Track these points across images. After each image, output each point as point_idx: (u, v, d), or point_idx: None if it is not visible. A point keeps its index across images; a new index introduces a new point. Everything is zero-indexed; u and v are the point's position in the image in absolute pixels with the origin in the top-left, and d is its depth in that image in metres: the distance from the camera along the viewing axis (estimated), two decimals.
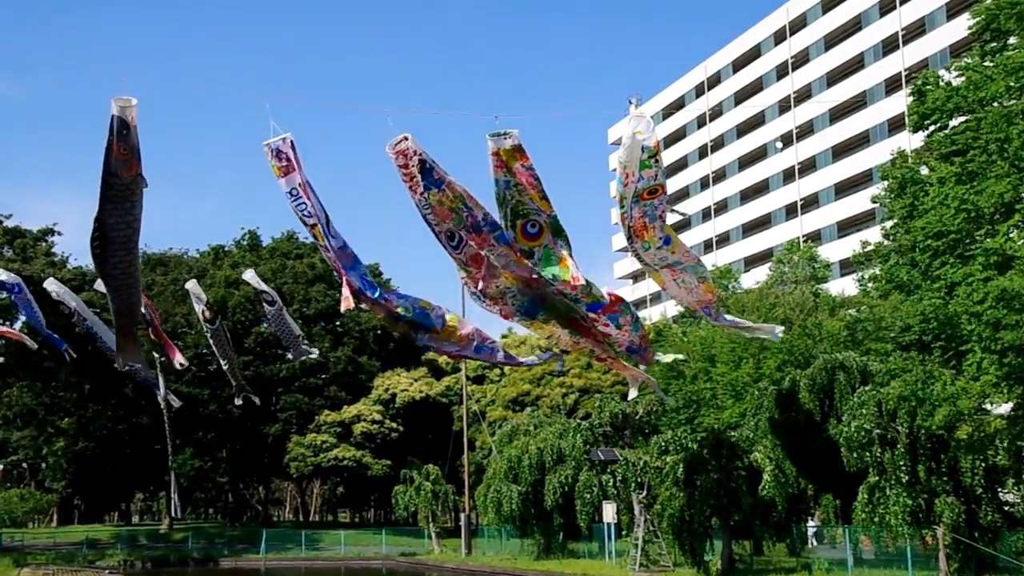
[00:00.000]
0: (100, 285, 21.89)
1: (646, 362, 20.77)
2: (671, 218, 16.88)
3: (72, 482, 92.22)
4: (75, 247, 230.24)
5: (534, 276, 16.35)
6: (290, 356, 27.15)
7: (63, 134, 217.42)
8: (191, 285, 21.46)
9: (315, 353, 23.53)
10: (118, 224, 14.99)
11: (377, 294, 18.42)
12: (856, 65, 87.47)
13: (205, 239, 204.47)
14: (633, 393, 21.51)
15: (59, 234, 64.36)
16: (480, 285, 16.98)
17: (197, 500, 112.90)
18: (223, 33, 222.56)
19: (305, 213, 16.63)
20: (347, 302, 17.46)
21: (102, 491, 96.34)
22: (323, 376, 75.77)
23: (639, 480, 39.14)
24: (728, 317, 23.06)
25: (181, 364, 23.22)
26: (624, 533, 43.43)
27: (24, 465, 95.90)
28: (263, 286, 25.71)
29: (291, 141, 16.03)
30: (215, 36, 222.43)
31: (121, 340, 20.15)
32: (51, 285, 22.03)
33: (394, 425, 71.51)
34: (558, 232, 15.47)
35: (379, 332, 76.60)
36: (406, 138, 14.77)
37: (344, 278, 17.53)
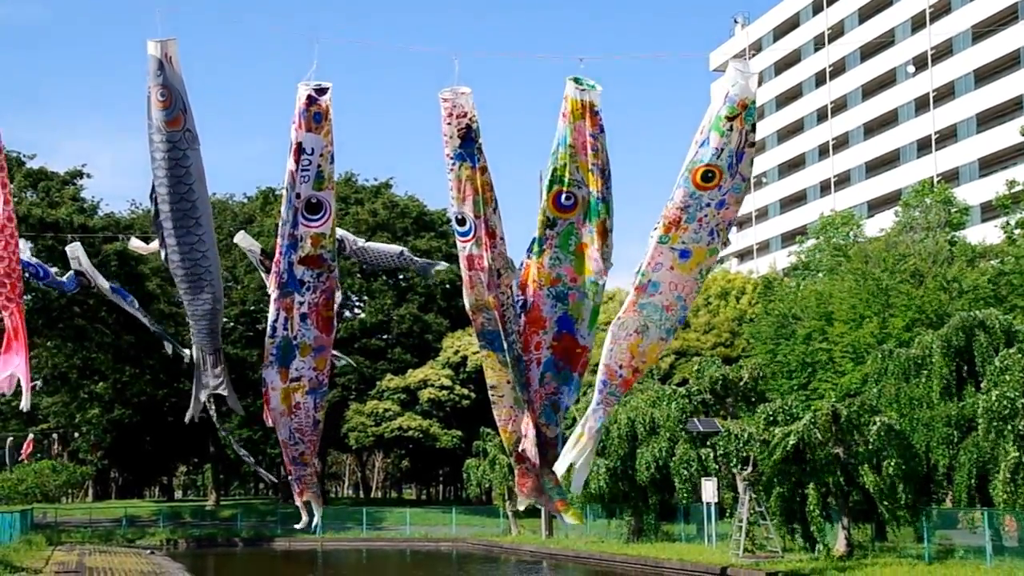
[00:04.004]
0: (137, 244, 20.96)
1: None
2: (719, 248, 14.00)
3: (108, 453, 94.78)
4: (107, 190, 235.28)
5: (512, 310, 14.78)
6: (418, 275, 25.35)
7: (95, 61, 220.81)
8: (240, 237, 20.72)
9: (443, 265, 21.86)
10: (170, 196, 13.85)
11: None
12: None
13: (253, 182, 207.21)
14: (521, 505, 18.30)
15: (88, 176, 63.57)
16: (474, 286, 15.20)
17: (246, 474, 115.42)
18: None
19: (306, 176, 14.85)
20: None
21: (141, 463, 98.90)
22: (385, 337, 76.48)
23: (743, 455, 39.16)
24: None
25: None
26: (727, 514, 43.58)
27: (56, 434, 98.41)
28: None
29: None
30: None
31: (204, 368, 16.15)
32: (79, 256, 19.86)
33: (465, 391, 72.06)
34: (591, 214, 14.37)
35: (447, 287, 77.25)
36: (465, 92, 13.75)
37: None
